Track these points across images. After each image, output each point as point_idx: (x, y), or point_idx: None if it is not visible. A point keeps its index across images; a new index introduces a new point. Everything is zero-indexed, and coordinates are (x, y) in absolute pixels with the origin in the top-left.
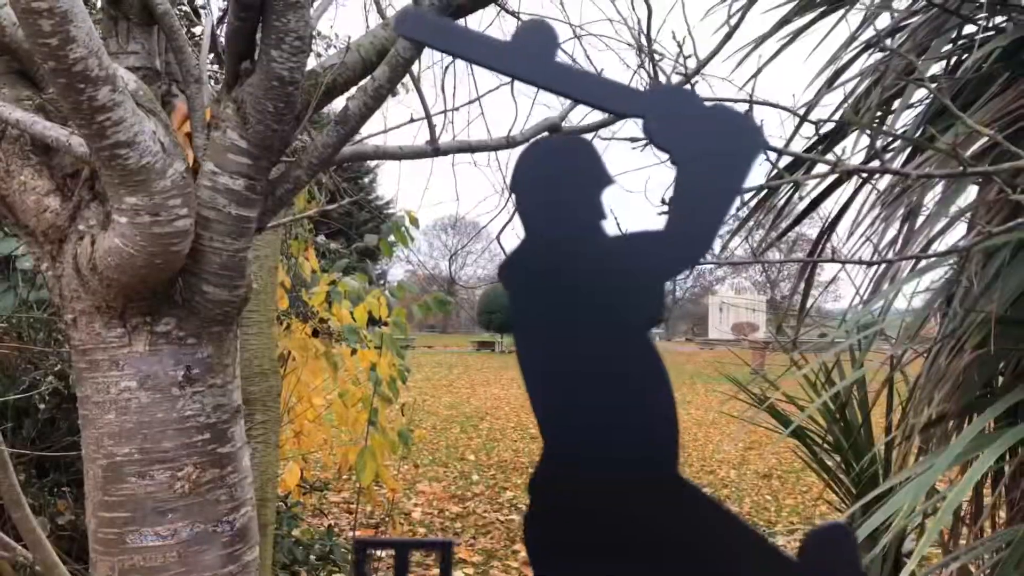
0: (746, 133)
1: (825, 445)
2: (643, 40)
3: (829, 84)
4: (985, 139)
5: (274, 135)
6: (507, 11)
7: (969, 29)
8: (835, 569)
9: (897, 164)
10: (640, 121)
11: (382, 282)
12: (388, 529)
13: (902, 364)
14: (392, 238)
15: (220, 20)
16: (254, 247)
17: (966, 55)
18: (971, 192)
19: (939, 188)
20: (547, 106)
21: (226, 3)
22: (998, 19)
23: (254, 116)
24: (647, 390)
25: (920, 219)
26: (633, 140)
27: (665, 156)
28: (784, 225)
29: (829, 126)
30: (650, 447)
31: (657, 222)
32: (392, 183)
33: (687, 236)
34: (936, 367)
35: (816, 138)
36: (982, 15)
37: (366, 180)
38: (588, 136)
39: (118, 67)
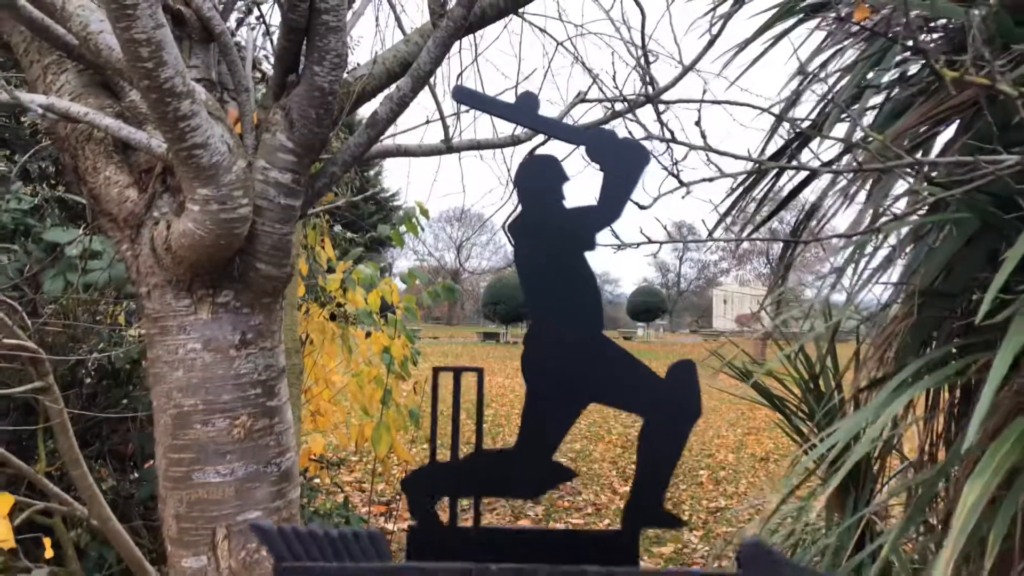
0: (638, 153)
1: (800, 413)
2: (639, 40)
3: (797, 92)
4: (917, 137)
5: (315, 137)
6: (525, 19)
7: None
8: (684, 391)
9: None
10: (583, 148)
11: (387, 275)
12: (399, 507)
13: (862, 336)
14: (403, 228)
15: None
16: None
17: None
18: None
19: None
20: (551, 101)
21: (255, 25)
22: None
23: (299, 121)
24: (585, 284)
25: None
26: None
27: (597, 167)
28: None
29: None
30: (587, 316)
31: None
32: (394, 177)
33: (608, 208)
34: (879, 334)
35: (792, 135)
36: (910, 40)
37: (371, 173)
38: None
39: (194, 83)
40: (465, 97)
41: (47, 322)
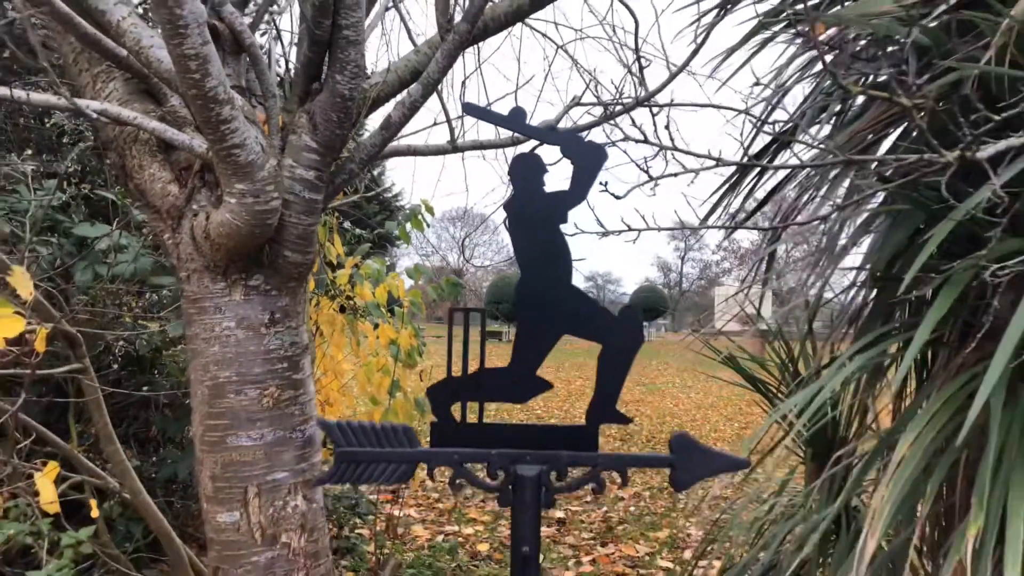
0: (598, 151)
1: (780, 395)
2: (633, 44)
3: (772, 98)
4: (866, 138)
5: (336, 138)
6: (526, 24)
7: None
8: (630, 327)
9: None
10: (559, 147)
11: (392, 272)
12: (405, 490)
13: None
14: (409, 226)
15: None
16: None
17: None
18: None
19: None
20: (550, 103)
21: (272, 38)
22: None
23: (322, 124)
24: (559, 247)
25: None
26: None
27: (568, 161)
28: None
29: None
30: (561, 270)
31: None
32: (396, 177)
33: (576, 192)
34: (843, 315)
35: (772, 137)
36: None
37: (375, 173)
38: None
39: (232, 90)
40: (472, 111)
41: (78, 311)
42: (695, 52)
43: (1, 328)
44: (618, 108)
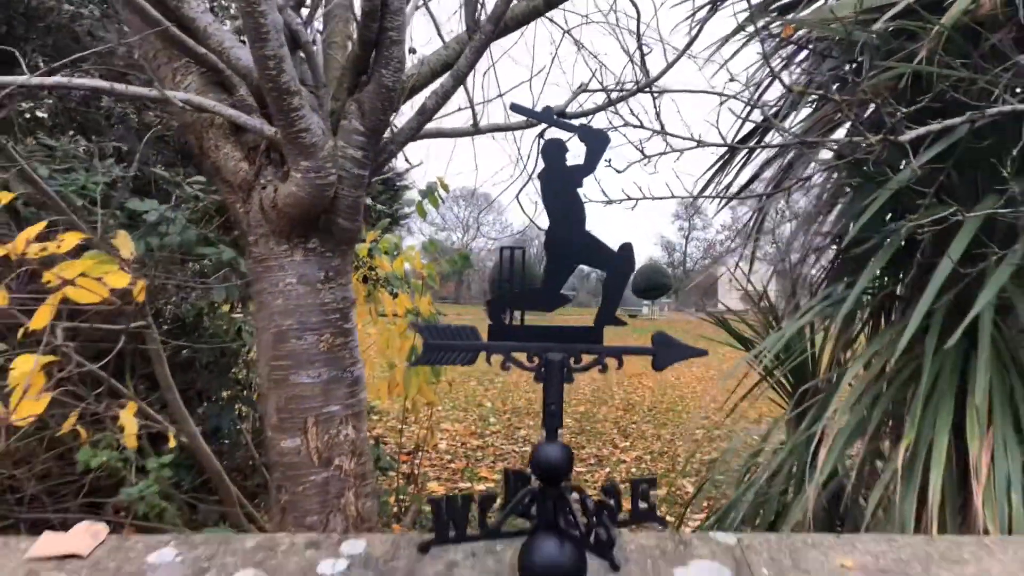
0: (603, 136)
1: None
2: (635, 31)
3: (765, 81)
4: (830, 123)
5: (380, 123)
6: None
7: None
8: (626, 258)
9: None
10: (577, 135)
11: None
12: (420, 456)
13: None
14: (427, 202)
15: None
16: None
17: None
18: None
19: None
20: (556, 84)
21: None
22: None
23: (369, 111)
24: (576, 205)
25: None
26: (613, 127)
27: (584, 144)
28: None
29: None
30: (576, 220)
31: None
32: (410, 154)
33: (588, 166)
34: (814, 276)
35: (755, 124)
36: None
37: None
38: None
39: (300, 84)
40: (517, 109)
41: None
42: (690, 43)
43: (112, 280)
44: (621, 94)
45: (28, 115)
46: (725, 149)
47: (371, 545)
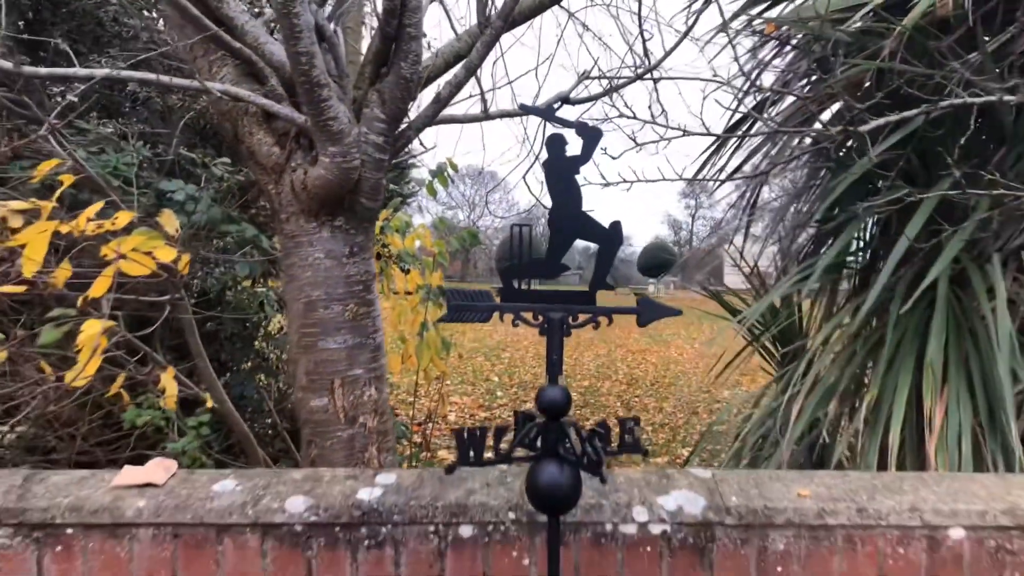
0: (596, 131)
1: (756, 325)
2: (636, 20)
3: (752, 74)
4: (807, 112)
5: (399, 111)
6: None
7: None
8: (615, 232)
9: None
10: (575, 129)
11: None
12: (431, 427)
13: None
14: (436, 181)
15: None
16: None
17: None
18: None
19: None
20: (562, 66)
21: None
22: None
23: (389, 100)
24: (575, 189)
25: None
26: (612, 117)
27: (581, 138)
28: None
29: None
30: (574, 201)
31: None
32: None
33: (584, 157)
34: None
35: (753, 104)
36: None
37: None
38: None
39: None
40: (525, 109)
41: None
42: (685, 34)
43: (161, 254)
44: (621, 81)
45: (60, 98)
46: (724, 129)
47: (401, 477)
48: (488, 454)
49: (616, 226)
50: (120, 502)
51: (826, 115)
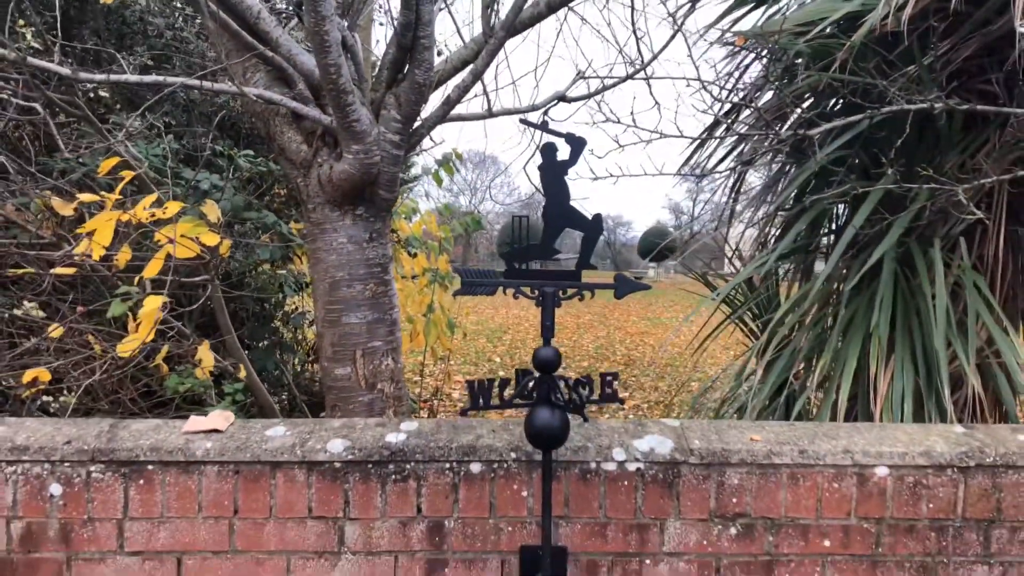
0: (583, 140)
1: (738, 299)
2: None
3: (728, 80)
4: (776, 112)
5: (413, 112)
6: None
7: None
8: (596, 222)
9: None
10: (563, 139)
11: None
12: (436, 403)
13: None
14: (442, 170)
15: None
16: None
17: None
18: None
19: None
20: (560, 58)
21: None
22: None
23: (404, 103)
24: (563, 188)
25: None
26: (604, 121)
27: (568, 147)
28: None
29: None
30: (562, 198)
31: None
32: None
33: (572, 161)
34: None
35: (731, 105)
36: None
37: None
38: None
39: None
40: (524, 123)
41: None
42: (673, 35)
43: (206, 239)
44: (611, 81)
45: (92, 94)
46: (701, 131)
47: (421, 424)
48: (494, 402)
49: (597, 217)
50: (191, 444)
51: (801, 113)
